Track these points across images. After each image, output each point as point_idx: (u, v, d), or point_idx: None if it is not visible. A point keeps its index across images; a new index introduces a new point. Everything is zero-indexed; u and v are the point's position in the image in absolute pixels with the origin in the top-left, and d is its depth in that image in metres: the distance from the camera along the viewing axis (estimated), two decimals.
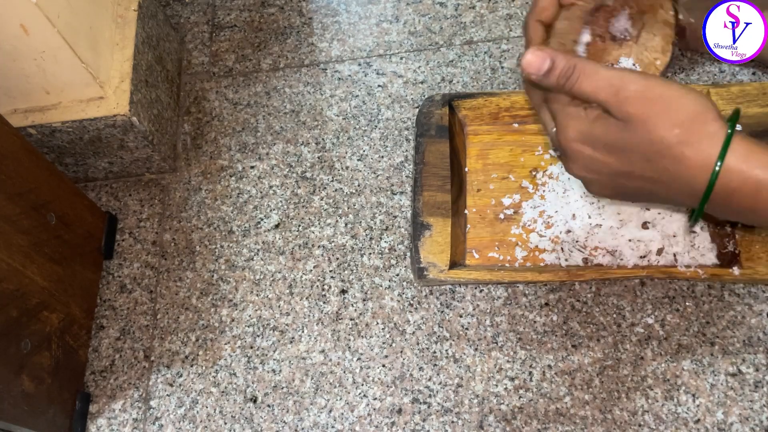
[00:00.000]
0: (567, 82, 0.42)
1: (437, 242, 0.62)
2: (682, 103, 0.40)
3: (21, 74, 0.65)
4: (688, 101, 0.40)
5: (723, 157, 0.39)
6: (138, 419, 0.65)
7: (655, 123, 0.40)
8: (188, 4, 0.89)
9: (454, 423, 0.59)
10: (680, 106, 0.40)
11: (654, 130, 0.40)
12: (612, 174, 0.44)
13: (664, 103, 0.40)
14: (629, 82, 0.40)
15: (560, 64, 0.41)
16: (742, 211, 0.41)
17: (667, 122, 0.40)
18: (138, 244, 0.74)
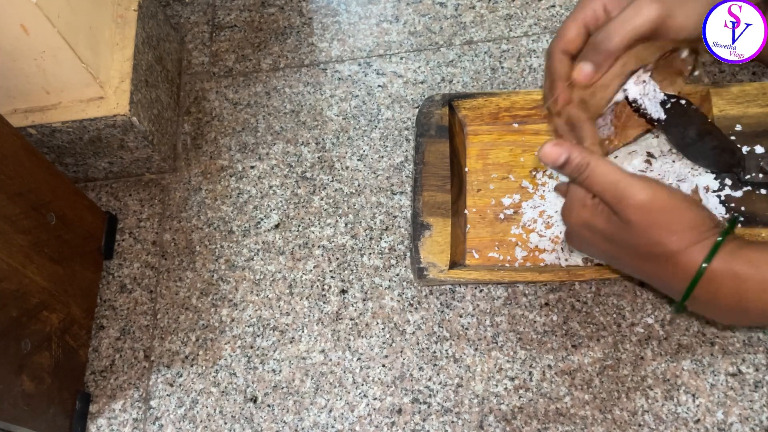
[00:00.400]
0: (579, 176, 0.44)
1: (437, 242, 0.62)
2: (684, 215, 0.42)
3: (21, 74, 0.65)
4: (690, 214, 0.43)
5: (709, 259, 0.41)
6: (138, 419, 0.65)
7: (655, 231, 0.42)
8: (188, 4, 0.89)
9: (454, 423, 0.59)
10: (681, 218, 0.42)
11: (652, 237, 0.43)
12: (608, 257, 0.48)
13: (666, 215, 0.42)
14: (636, 192, 0.42)
15: (575, 160, 0.44)
16: (730, 309, 0.43)
17: (666, 231, 0.42)
18: (138, 244, 0.74)
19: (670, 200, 0.42)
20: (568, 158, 0.43)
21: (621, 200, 0.43)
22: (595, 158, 0.43)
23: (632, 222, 0.43)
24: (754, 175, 0.60)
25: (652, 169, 0.63)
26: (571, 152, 0.43)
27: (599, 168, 0.43)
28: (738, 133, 0.63)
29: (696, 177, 0.62)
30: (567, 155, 0.43)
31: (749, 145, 0.62)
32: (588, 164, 0.43)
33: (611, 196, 0.43)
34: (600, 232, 0.45)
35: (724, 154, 0.61)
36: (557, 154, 0.44)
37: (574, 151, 0.43)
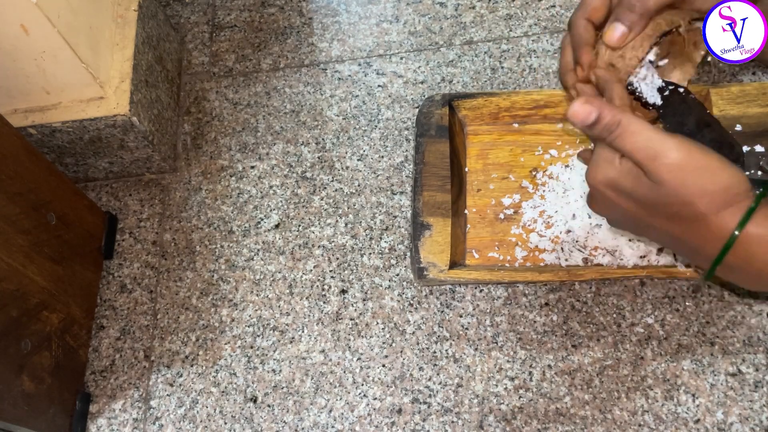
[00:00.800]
0: (609, 136, 0.43)
1: (437, 242, 0.62)
2: (718, 175, 0.41)
3: (21, 74, 0.65)
4: (724, 175, 0.41)
5: (743, 225, 0.40)
6: (138, 419, 0.65)
7: (687, 191, 0.41)
8: (188, 4, 0.89)
9: (454, 423, 0.59)
10: (715, 178, 0.41)
11: (684, 197, 0.41)
12: (633, 219, 0.46)
13: (700, 174, 0.41)
14: (669, 150, 0.41)
15: (605, 118, 0.42)
16: (762, 275, 0.42)
17: (699, 191, 0.41)
18: (138, 244, 0.74)
19: (704, 159, 0.41)
20: (599, 116, 0.42)
21: (654, 158, 0.41)
22: (627, 116, 0.42)
23: (664, 181, 0.41)
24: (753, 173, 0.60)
25: None
26: (601, 110, 0.42)
27: (631, 126, 0.42)
28: (738, 133, 0.63)
29: None
30: (597, 113, 0.42)
31: (749, 145, 0.62)
32: (620, 122, 0.42)
33: (644, 155, 0.41)
34: (628, 192, 0.44)
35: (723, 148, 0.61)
36: (587, 112, 0.42)
37: (604, 108, 0.42)
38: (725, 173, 0.41)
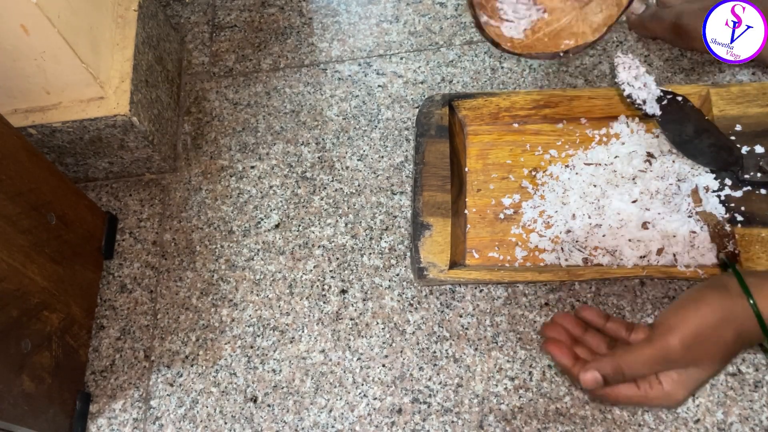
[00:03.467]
0: (625, 378, 0.48)
1: (437, 242, 0.62)
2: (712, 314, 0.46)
3: (21, 74, 0.65)
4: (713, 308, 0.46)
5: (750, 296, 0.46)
6: (138, 419, 0.65)
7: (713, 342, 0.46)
8: (188, 4, 0.89)
9: (454, 423, 0.59)
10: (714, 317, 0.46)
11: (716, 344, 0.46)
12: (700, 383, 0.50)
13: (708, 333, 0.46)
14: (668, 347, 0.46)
15: (608, 372, 0.47)
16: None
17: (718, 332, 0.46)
18: (138, 244, 0.74)
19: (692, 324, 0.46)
20: (603, 375, 0.47)
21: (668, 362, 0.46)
22: (618, 356, 0.47)
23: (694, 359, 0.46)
24: (753, 175, 0.60)
25: (652, 169, 0.63)
26: (599, 369, 0.47)
27: (629, 361, 0.47)
28: (738, 133, 0.63)
29: (696, 177, 0.62)
30: (600, 373, 0.47)
31: (749, 145, 0.62)
32: (619, 366, 0.47)
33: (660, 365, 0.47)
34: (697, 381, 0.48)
35: (722, 151, 0.61)
36: (593, 378, 0.47)
37: (601, 364, 0.47)
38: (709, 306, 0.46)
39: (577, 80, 0.74)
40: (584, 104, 0.68)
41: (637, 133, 0.66)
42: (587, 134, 0.68)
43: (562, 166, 0.66)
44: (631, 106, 0.64)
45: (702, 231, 0.60)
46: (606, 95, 0.67)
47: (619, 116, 0.67)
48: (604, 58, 0.74)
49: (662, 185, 0.62)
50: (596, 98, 0.67)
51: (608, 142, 0.66)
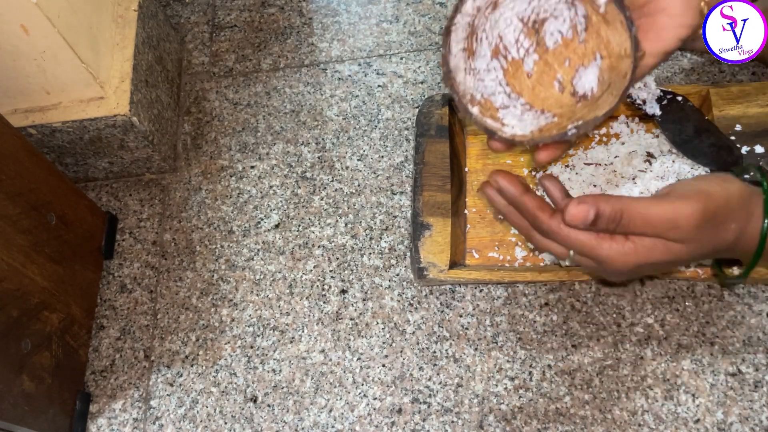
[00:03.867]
0: (616, 227, 0.41)
1: (437, 242, 0.62)
2: (731, 207, 0.42)
3: (21, 74, 0.65)
4: (733, 201, 0.42)
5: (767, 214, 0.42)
6: (138, 419, 0.65)
7: (715, 236, 0.42)
8: (188, 4, 0.89)
9: (454, 423, 0.59)
10: (731, 211, 0.42)
11: (714, 240, 0.42)
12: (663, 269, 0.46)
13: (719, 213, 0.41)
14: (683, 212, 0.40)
15: (606, 212, 0.40)
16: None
17: (724, 229, 0.42)
18: (138, 244, 0.74)
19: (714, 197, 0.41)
20: (597, 212, 0.40)
21: (675, 227, 0.40)
22: (625, 201, 0.40)
23: (693, 239, 0.41)
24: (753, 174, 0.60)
25: (652, 169, 0.63)
26: (597, 205, 0.40)
27: (636, 208, 0.40)
28: (738, 133, 0.63)
29: None
30: (595, 209, 0.40)
31: (749, 145, 0.62)
32: (621, 210, 0.40)
33: (663, 228, 0.41)
34: (658, 262, 0.43)
35: (722, 151, 0.61)
36: (585, 212, 0.40)
37: (600, 202, 0.40)
38: (733, 199, 0.42)
39: None
40: None
41: (637, 133, 0.66)
42: (587, 134, 0.68)
43: (562, 166, 0.66)
44: (631, 106, 0.64)
45: None
46: None
47: (619, 116, 0.67)
48: None
49: (662, 185, 0.62)
50: None
51: (608, 142, 0.66)
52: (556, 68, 0.47)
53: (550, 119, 0.44)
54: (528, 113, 0.45)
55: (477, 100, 0.44)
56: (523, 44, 0.47)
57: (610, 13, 0.44)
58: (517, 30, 0.46)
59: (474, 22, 0.45)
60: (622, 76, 0.43)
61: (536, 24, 0.47)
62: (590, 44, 0.46)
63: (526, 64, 0.47)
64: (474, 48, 0.45)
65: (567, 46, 0.47)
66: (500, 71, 0.46)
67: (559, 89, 0.46)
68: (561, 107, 0.45)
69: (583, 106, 0.44)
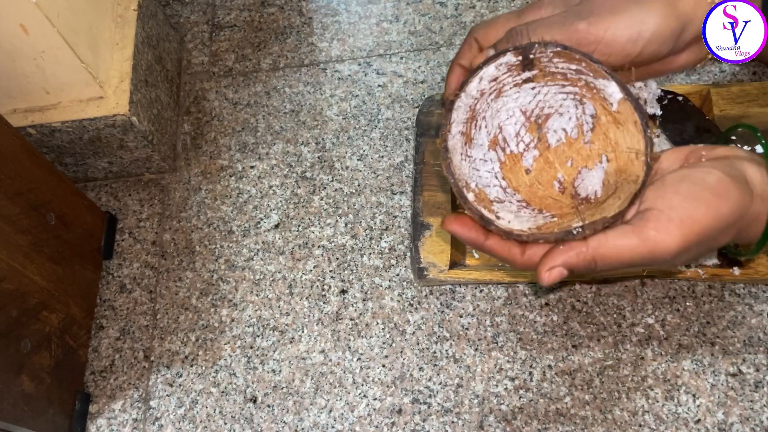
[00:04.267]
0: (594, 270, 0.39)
1: (437, 242, 0.62)
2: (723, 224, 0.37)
3: (21, 74, 0.65)
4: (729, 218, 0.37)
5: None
6: (138, 419, 0.65)
7: (703, 249, 0.38)
8: (188, 3, 0.89)
9: (455, 423, 0.59)
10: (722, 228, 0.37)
11: (704, 251, 0.38)
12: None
13: (707, 238, 0.36)
14: (659, 248, 0.36)
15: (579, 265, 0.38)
16: None
17: (717, 242, 0.37)
18: (138, 244, 0.73)
19: (700, 228, 0.36)
20: (570, 268, 0.38)
21: (651, 260, 0.36)
22: (594, 246, 0.37)
23: (679, 258, 0.37)
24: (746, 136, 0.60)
25: None
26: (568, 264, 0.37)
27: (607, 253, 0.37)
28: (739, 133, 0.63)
29: None
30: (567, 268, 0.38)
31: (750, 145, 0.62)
32: (593, 259, 0.37)
33: (638, 262, 0.37)
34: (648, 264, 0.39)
35: None
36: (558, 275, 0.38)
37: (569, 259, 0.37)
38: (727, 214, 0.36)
39: None
40: None
41: None
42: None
43: None
44: None
45: None
46: None
47: None
48: None
49: None
50: None
51: None
52: (558, 167, 0.44)
53: (549, 219, 0.41)
54: (524, 210, 0.42)
55: (471, 188, 0.41)
56: (523, 139, 0.44)
57: (623, 113, 0.41)
58: (519, 123, 0.44)
59: (476, 105, 0.42)
60: (633, 181, 0.39)
61: (539, 119, 0.44)
62: (596, 146, 0.43)
63: (525, 160, 0.44)
64: (472, 135, 0.42)
65: (570, 146, 0.44)
66: (497, 163, 0.43)
67: (559, 189, 0.43)
68: (560, 208, 0.42)
69: (586, 208, 0.41)
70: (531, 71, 0.42)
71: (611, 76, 0.41)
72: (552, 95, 0.43)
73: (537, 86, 0.42)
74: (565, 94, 0.43)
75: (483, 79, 0.41)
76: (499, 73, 0.41)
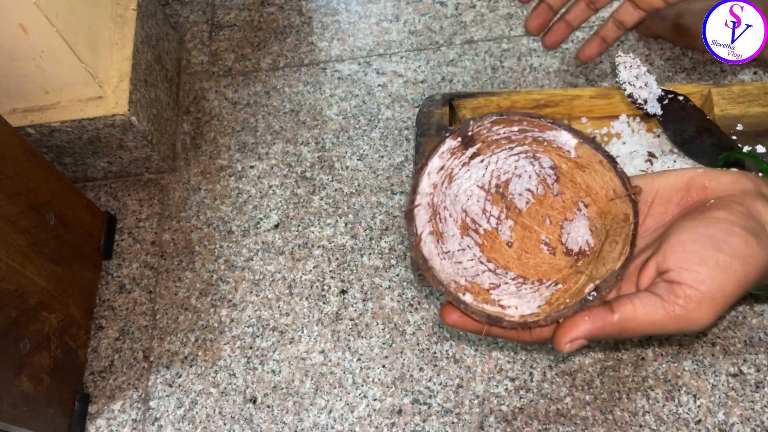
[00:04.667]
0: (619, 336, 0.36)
1: None
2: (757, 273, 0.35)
3: (20, 74, 0.64)
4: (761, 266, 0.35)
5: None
6: (137, 420, 0.64)
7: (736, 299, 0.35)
8: (187, 3, 0.89)
9: (455, 424, 0.59)
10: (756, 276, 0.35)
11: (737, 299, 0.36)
12: None
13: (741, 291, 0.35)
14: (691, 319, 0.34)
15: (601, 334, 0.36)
16: None
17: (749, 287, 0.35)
18: (137, 244, 0.73)
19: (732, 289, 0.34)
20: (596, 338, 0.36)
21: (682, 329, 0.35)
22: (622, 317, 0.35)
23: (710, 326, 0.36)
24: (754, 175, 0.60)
25: (653, 169, 0.63)
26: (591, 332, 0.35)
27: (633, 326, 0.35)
28: (739, 133, 0.62)
29: None
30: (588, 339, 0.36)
31: (750, 145, 0.62)
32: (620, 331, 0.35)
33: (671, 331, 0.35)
34: None
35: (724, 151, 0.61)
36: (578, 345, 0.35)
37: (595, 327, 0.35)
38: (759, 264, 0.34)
39: (578, 79, 0.73)
40: (585, 104, 0.67)
41: (638, 133, 0.66)
42: (588, 134, 0.67)
43: None
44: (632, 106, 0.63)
45: None
46: (607, 95, 0.67)
47: (620, 116, 0.67)
48: (605, 57, 0.74)
49: None
50: (597, 98, 0.67)
51: (609, 141, 0.66)
52: (538, 229, 0.42)
53: (554, 288, 0.39)
54: (524, 287, 0.40)
55: (463, 285, 0.39)
56: (492, 213, 0.42)
57: (584, 156, 0.39)
58: (481, 199, 0.41)
59: (433, 200, 0.40)
60: (623, 220, 0.38)
61: (499, 188, 0.42)
62: (567, 195, 0.41)
63: (502, 234, 0.42)
64: (441, 229, 0.40)
65: (542, 203, 0.42)
66: (476, 248, 0.41)
67: (550, 252, 0.41)
68: (560, 271, 0.40)
69: (585, 263, 0.39)
70: (474, 146, 0.40)
71: (559, 126, 0.39)
72: (503, 161, 0.41)
73: (485, 158, 0.41)
74: (517, 156, 0.41)
75: (430, 173, 0.39)
76: (444, 161, 0.40)
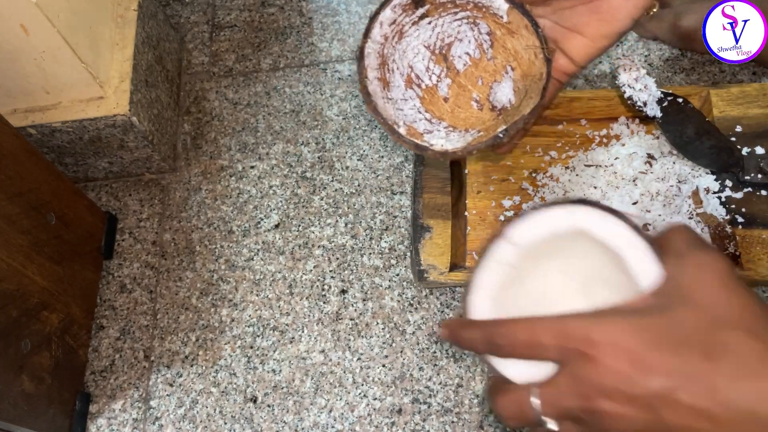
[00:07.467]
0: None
1: (437, 244, 0.62)
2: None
3: (21, 74, 0.65)
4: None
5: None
6: (138, 419, 0.65)
7: None
8: (188, 3, 0.89)
9: (455, 423, 0.59)
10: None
11: None
12: None
13: None
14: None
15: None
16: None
17: None
18: (138, 244, 0.74)
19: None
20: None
21: None
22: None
23: None
24: (754, 176, 0.60)
25: (653, 171, 0.63)
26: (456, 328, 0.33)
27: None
28: (738, 134, 0.63)
29: (697, 178, 0.62)
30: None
31: (749, 146, 0.62)
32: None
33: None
34: None
35: (722, 153, 0.61)
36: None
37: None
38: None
39: (577, 81, 0.74)
40: (584, 105, 0.68)
41: (637, 135, 0.66)
42: (587, 135, 0.68)
43: (562, 167, 0.66)
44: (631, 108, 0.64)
45: (702, 233, 0.60)
46: (606, 96, 0.67)
47: (619, 117, 0.67)
48: (604, 58, 0.74)
49: (663, 187, 0.62)
50: (596, 99, 0.67)
51: (608, 143, 0.66)
52: (471, 88, 0.49)
53: (476, 135, 0.45)
54: (453, 134, 0.46)
55: (400, 125, 0.46)
56: (434, 71, 0.48)
57: (514, 22, 0.45)
58: (426, 58, 0.48)
59: (383, 51, 0.46)
60: (538, 78, 0.44)
61: (443, 49, 0.48)
62: (499, 60, 0.47)
63: (440, 90, 0.49)
64: (387, 78, 0.46)
65: (477, 66, 0.48)
66: (417, 100, 0.48)
67: (478, 107, 0.48)
68: (484, 123, 0.47)
69: (506, 115, 0.45)
70: (423, 7, 0.46)
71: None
72: (448, 25, 0.47)
73: (432, 20, 0.47)
74: (460, 21, 0.47)
75: (383, 24, 0.45)
76: (396, 15, 0.45)
